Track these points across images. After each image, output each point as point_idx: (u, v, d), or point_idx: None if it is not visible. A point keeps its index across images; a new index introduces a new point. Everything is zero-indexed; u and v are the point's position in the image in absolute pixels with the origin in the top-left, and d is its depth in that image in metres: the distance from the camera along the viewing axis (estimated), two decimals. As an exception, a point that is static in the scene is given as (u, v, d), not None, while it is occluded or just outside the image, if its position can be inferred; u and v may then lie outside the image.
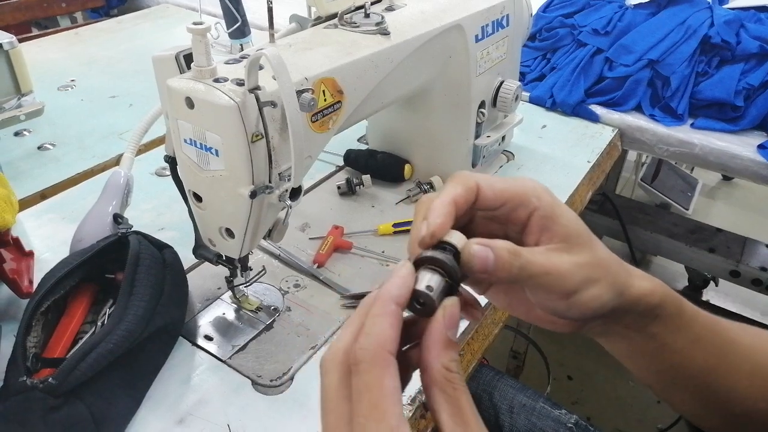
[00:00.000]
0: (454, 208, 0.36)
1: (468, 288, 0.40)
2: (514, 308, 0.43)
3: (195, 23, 0.51)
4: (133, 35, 1.48)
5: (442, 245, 0.35)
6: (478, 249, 0.35)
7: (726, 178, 2.47)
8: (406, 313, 0.34)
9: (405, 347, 0.35)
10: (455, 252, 0.35)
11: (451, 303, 0.33)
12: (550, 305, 0.38)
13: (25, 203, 0.86)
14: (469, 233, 0.36)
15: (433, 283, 0.33)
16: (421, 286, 0.33)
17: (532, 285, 0.37)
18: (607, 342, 0.43)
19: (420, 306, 0.33)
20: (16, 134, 1.03)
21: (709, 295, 1.77)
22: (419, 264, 0.35)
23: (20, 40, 1.00)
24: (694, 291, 1.71)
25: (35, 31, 1.60)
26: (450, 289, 0.34)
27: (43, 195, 0.89)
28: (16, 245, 0.72)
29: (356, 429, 0.30)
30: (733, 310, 1.60)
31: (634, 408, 1.62)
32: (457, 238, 0.35)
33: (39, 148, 1.00)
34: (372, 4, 0.72)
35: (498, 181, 0.38)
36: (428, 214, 0.36)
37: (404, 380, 0.34)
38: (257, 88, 0.52)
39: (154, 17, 1.60)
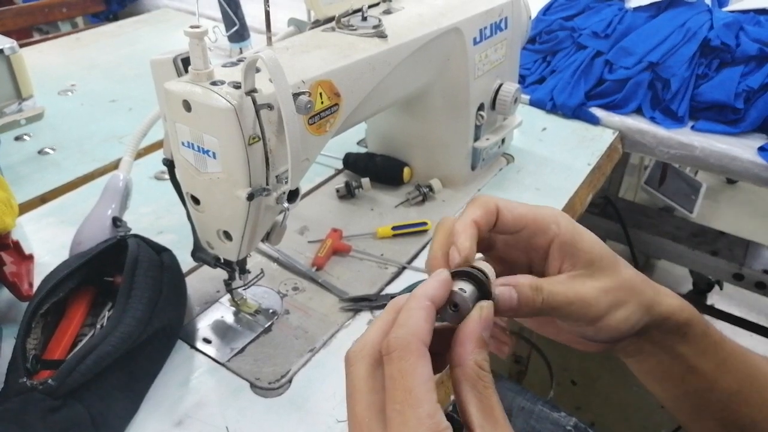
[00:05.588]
0: (476, 230, 0.37)
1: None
2: (543, 329, 0.44)
3: (192, 26, 0.51)
4: (133, 39, 1.49)
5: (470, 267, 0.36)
6: (502, 290, 0.35)
7: (730, 181, 2.46)
8: None
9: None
10: (485, 275, 0.35)
11: (488, 305, 0.34)
12: (579, 330, 0.39)
13: (25, 207, 0.86)
14: (491, 260, 0.37)
15: (468, 290, 0.34)
16: (456, 290, 0.34)
17: (557, 315, 0.37)
18: (637, 363, 0.43)
19: (453, 310, 0.34)
20: (17, 138, 1.04)
21: (714, 299, 1.77)
22: (453, 276, 0.35)
23: (21, 45, 1.01)
24: (698, 295, 1.71)
25: (36, 36, 1.60)
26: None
27: (43, 199, 0.89)
28: (16, 248, 0.73)
29: (392, 416, 0.29)
30: (738, 314, 1.59)
31: (638, 413, 1.61)
32: (487, 269, 0.36)
33: (39, 152, 1.01)
34: (369, 7, 0.72)
35: (518, 206, 0.38)
36: (455, 238, 0.36)
37: None
38: (254, 90, 0.52)
39: (155, 21, 1.61)
